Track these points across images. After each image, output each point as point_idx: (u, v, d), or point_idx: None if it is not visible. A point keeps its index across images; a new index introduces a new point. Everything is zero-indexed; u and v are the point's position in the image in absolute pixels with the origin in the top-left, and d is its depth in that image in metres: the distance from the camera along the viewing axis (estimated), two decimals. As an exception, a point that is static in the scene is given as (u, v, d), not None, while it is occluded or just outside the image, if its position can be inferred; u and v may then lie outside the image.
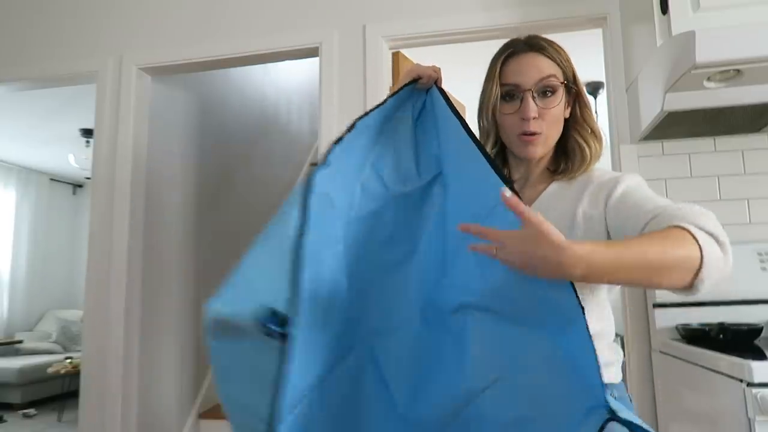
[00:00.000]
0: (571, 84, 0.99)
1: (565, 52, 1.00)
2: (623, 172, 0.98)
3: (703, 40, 1.40)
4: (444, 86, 1.05)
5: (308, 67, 3.84)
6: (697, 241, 0.73)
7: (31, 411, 4.66)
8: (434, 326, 0.92)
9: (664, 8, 1.57)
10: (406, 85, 1.03)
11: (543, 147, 0.99)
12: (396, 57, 2.37)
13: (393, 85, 2.31)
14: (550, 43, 0.99)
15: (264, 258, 0.87)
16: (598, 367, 0.72)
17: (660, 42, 1.58)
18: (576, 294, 0.76)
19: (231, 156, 3.54)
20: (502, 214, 0.77)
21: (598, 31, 2.11)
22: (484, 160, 0.90)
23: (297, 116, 4.67)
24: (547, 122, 0.96)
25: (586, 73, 3.68)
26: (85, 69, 2.53)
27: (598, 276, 0.73)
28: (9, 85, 2.70)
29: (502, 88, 0.98)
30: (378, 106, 1.00)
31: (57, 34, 2.60)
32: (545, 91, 0.96)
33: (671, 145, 1.92)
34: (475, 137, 0.95)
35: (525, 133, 0.96)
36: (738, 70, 1.44)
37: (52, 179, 6.36)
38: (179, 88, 2.97)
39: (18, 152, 5.52)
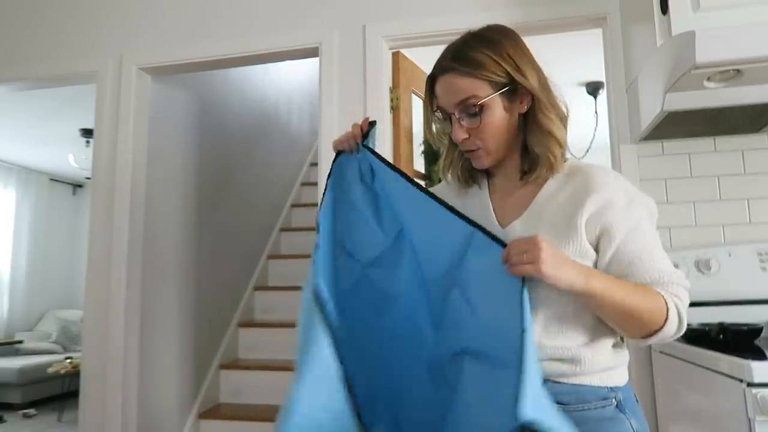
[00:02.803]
0: (509, 86, 0.92)
1: (493, 55, 0.91)
2: (621, 184, 0.92)
3: (703, 40, 1.40)
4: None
5: (308, 67, 3.85)
6: (667, 316, 0.86)
7: (31, 411, 4.65)
8: (443, 385, 0.92)
9: (664, 8, 1.57)
10: (334, 161, 1.06)
11: (488, 158, 0.96)
12: (396, 57, 2.37)
13: (393, 85, 2.32)
14: (470, 54, 0.91)
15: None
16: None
17: (660, 42, 1.58)
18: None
19: (231, 156, 3.54)
20: (477, 252, 0.88)
21: (598, 31, 2.11)
22: (441, 207, 0.93)
23: (297, 116, 4.67)
24: (481, 138, 0.94)
25: (586, 73, 3.68)
26: (85, 69, 2.53)
27: (589, 294, 0.84)
28: (9, 85, 2.70)
29: (438, 111, 0.98)
30: (324, 191, 1.05)
31: (57, 34, 2.60)
32: (468, 112, 0.92)
33: (671, 145, 1.92)
34: (421, 187, 0.97)
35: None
36: (738, 70, 1.44)
37: (52, 179, 6.36)
38: (179, 88, 2.97)
39: (18, 152, 5.52)
